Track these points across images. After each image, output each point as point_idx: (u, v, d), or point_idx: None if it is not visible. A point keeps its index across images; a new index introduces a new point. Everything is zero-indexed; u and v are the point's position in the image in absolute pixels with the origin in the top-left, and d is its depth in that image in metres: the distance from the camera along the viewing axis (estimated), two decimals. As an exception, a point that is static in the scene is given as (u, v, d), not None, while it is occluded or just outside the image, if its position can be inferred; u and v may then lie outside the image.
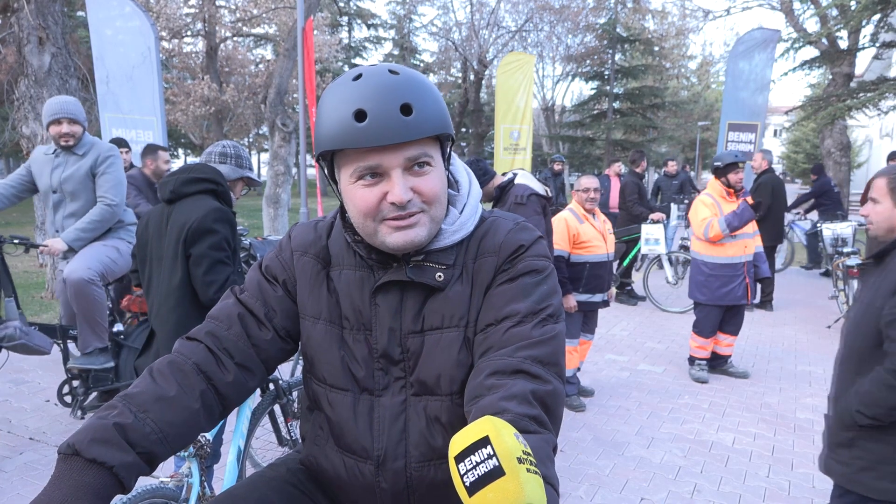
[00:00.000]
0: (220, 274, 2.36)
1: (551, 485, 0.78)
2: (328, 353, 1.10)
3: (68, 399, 3.59)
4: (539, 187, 3.72)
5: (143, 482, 2.64)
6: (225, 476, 2.33)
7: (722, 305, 4.66)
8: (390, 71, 0.96)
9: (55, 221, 3.53)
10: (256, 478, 1.17)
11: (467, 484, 0.64)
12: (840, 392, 1.91)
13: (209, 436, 2.17)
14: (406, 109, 0.93)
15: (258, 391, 3.07)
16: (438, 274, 1.04)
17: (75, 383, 3.54)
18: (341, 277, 1.11)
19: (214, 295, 2.35)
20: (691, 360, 4.87)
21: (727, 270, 4.59)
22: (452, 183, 1.13)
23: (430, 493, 1.07)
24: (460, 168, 1.16)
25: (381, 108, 0.92)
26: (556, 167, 10.07)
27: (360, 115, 0.93)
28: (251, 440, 2.53)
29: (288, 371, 4.48)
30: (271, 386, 2.73)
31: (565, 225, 4.10)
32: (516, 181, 3.75)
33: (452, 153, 1.11)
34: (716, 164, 4.65)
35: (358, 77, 0.96)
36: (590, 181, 4.20)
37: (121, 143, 5.42)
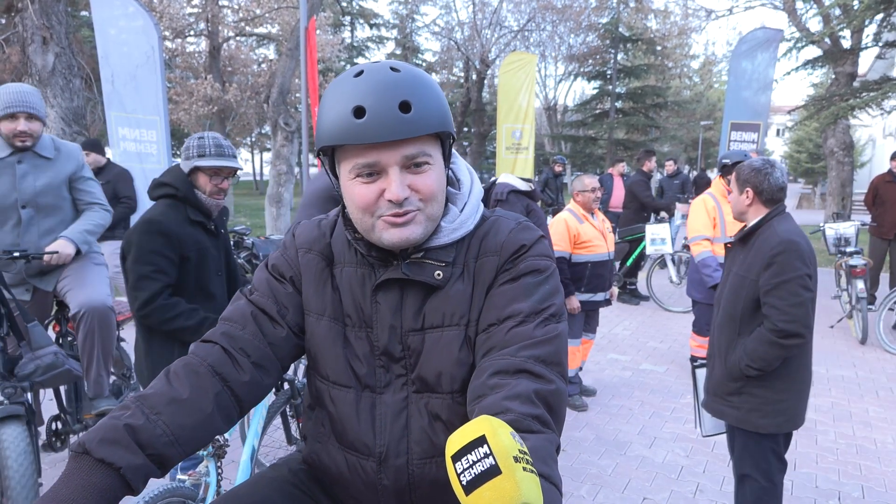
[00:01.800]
0: (144, 290, 2.25)
1: (554, 484, 0.78)
2: (331, 350, 1.10)
3: (57, 444, 3.18)
4: (521, 185, 3.88)
5: (161, 482, 2.64)
6: (237, 475, 2.33)
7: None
8: (392, 68, 0.96)
9: (22, 243, 2.83)
10: (258, 478, 1.17)
11: (464, 483, 0.64)
12: (724, 351, 2.35)
13: (227, 436, 2.16)
14: (405, 107, 0.93)
15: (272, 391, 3.05)
16: (437, 272, 1.04)
17: (66, 424, 3.13)
18: (343, 275, 1.11)
19: (138, 312, 2.26)
20: (693, 359, 4.87)
21: (719, 270, 4.55)
22: (454, 181, 1.13)
23: (431, 491, 1.08)
24: (462, 166, 1.16)
25: (380, 105, 0.92)
26: (557, 168, 10.11)
27: (358, 112, 0.93)
28: (262, 439, 2.53)
29: (301, 371, 4.48)
30: (286, 385, 2.73)
31: (565, 226, 4.09)
32: (498, 181, 3.96)
33: (454, 151, 1.11)
34: (723, 161, 4.47)
35: (360, 73, 0.96)
36: (592, 180, 4.19)
37: (94, 145, 5.19)
